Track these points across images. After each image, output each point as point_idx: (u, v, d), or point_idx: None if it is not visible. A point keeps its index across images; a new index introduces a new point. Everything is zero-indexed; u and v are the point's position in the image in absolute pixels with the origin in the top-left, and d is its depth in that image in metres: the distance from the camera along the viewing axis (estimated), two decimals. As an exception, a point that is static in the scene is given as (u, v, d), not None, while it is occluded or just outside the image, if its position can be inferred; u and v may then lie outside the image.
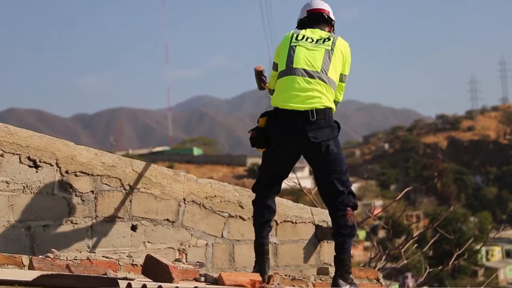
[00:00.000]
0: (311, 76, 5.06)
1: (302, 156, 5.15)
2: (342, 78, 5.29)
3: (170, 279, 3.97)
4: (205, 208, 6.08)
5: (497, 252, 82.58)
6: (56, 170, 5.22)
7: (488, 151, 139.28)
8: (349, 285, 4.78)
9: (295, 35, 5.26)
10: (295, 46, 5.19)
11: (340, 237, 4.90)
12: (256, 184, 5.35)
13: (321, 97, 5.01)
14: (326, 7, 5.53)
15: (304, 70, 5.09)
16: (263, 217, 5.25)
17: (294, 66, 5.13)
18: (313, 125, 4.90)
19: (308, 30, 5.32)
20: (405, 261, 9.95)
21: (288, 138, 4.97)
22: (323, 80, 5.07)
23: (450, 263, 9.66)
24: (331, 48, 5.16)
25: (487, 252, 76.86)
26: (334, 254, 4.94)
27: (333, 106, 5.10)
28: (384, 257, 9.33)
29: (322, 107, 4.96)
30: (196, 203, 6.03)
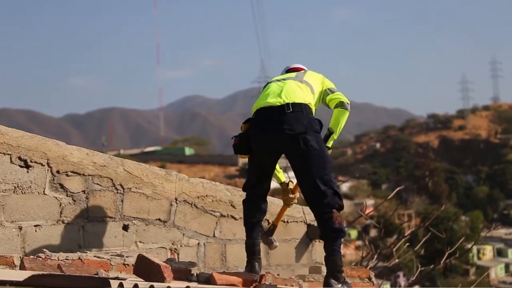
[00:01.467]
0: (286, 79, 5.22)
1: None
2: (331, 90, 5.36)
3: (162, 279, 3.97)
4: (197, 207, 6.08)
5: (488, 251, 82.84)
6: (47, 170, 5.21)
7: (479, 150, 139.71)
8: (341, 285, 4.75)
9: None
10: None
11: (328, 240, 4.80)
12: (245, 184, 5.33)
13: (296, 92, 5.05)
14: (303, 66, 5.65)
15: (278, 80, 5.26)
16: (253, 217, 5.23)
17: (270, 80, 5.41)
18: (289, 117, 4.86)
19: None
20: (396, 260, 9.96)
21: (265, 134, 4.92)
22: (298, 80, 5.18)
23: (442, 262, 9.68)
24: (300, 72, 5.42)
25: (478, 251, 77.10)
26: (325, 255, 4.88)
27: (312, 102, 5.10)
28: (376, 256, 9.34)
29: (299, 102, 4.96)
30: (188, 202, 6.02)
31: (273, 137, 4.89)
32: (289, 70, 5.61)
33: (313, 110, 5.09)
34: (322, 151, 4.89)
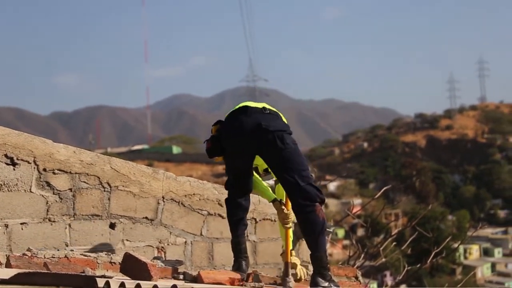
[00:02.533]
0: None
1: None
2: None
3: (148, 277, 3.96)
4: (184, 206, 6.07)
5: (475, 250, 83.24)
6: (34, 167, 5.19)
7: (466, 150, 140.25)
8: (328, 282, 4.73)
9: None
10: None
11: (313, 235, 4.78)
12: (226, 182, 5.32)
13: (270, 105, 5.07)
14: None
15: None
16: (235, 215, 5.21)
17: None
18: (266, 116, 4.87)
19: None
20: (383, 259, 9.97)
21: (241, 133, 4.88)
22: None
23: (428, 261, 9.70)
24: None
25: (465, 251, 77.45)
26: (310, 253, 4.86)
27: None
28: (362, 255, 9.36)
29: (274, 110, 5.00)
30: (175, 201, 6.01)
31: (250, 135, 4.85)
32: None
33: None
34: (297, 150, 4.89)
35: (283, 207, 5.33)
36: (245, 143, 4.90)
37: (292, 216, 5.29)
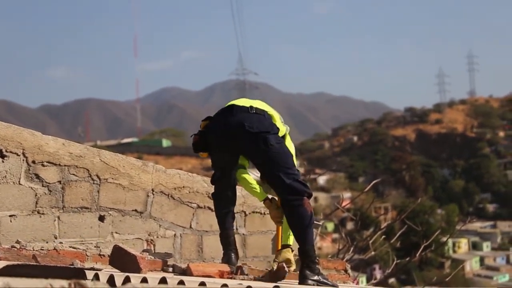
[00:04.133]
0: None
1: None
2: None
3: (137, 270, 3.95)
4: (174, 199, 6.06)
5: (463, 244, 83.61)
6: (23, 160, 5.17)
7: (455, 144, 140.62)
8: (316, 276, 4.73)
9: None
10: None
11: (300, 228, 4.79)
12: (212, 176, 5.33)
13: (259, 103, 5.11)
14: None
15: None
16: (223, 208, 5.22)
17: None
18: (251, 116, 4.88)
19: None
20: (373, 253, 9.99)
21: (225, 130, 4.90)
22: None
23: (417, 254, 9.72)
24: None
25: (453, 244, 77.80)
26: (298, 246, 4.87)
27: (273, 115, 5.11)
28: (352, 249, 9.37)
29: (261, 108, 5.00)
30: (165, 193, 6.01)
31: (233, 134, 4.87)
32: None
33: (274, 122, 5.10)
34: (282, 148, 4.90)
35: (274, 204, 5.34)
36: (228, 142, 4.93)
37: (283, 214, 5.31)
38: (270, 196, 5.41)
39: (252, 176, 5.53)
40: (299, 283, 4.71)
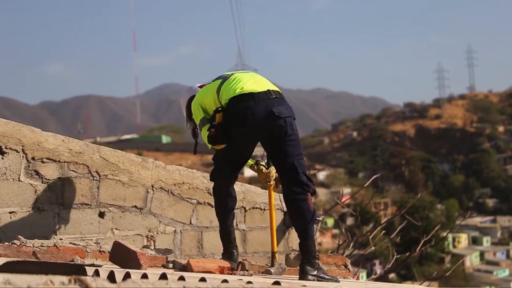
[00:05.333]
0: (246, 72, 5.26)
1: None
2: None
3: (138, 266, 3.96)
4: (174, 195, 6.07)
5: (463, 239, 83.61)
6: (23, 156, 5.17)
7: (455, 139, 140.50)
8: (316, 271, 4.75)
9: None
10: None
11: (303, 223, 4.83)
12: (214, 173, 5.30)
13: (267, 81, 5.11)
14: None
15: (240, 72, 5.28)
16: (226, 205, 5.22)
17: (226, 73, 5.33)
18: (274, 101, 4.87)
19: None
20: (372, 248, 9.99)
21: (253, 119, 4.84)
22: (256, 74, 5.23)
23: (417, 250, 9.73)
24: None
25: (453, 239, 77.74)
26: (299, 241, 4.90)
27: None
28: (352, 244, 9.38)
29: (275, 89, 4.99)
30: (165, 190, 6.01)
31: (262, 122, 4.83)
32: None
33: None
34: (298, 136, 4.95)
35: (261, 167, 5.44)
36: (257, 131, 4.93)
37: (274, 174, 5.45)
38: (254, 161, 5.54)
39: None
40: (300, 278, 4.74)
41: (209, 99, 5.16)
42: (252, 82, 5.00)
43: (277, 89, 5.03)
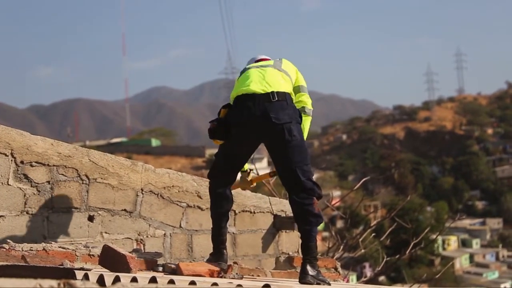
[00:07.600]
0: (265, 67, 5.19)
1: (261, 145, 5.12)
2: (302, 89, 5.36)
3: (127, 270, 3.95)
4: (163, 198, 6.06)
5: (453, 241, 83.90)
6: (11, 160, 5.15)
7: (444, 142, 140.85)
8: (316, 272, 4.83)
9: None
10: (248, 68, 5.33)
11: (308, 225, 4.88)
12: (212, 171, 5.30)
13: (278, 80, 5.05)
14: (269, 58, 5.63)
15: (257, 67, 5.23)
16: (221, 207, 5.22)
17: (247, 66, 5.33)
18: (274, 105, 4.85)
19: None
20: (362, 251, 10.01)
21: (249, 122, 4.87)
22: (277, 69, 5.16)
23: (407, 252, 9.76)
24: (277, 60, 5.39)
25: (443, 242, 78.01)
26: (302, 242, 4.95)
27: (292, 92, 5.11)
28: (342, 247, 9.40)
29: (282, 91, 4.96)
30: (154, 193, 5.99)
31: (258, 125, 4.86)
32: (257, 61, 5.56)
33: (293, 100, 5.12)
34: (303, 142, 4.96)
35: (250, 177, 5.70)
36: (251, 132, 4.95)
37: (251, 187, 5.82)
38: (249, 170, 5.71)
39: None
40: (300, 278, 4.82)
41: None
42: (257, 82, 5.01)
43: (286, 90, 5.02)
